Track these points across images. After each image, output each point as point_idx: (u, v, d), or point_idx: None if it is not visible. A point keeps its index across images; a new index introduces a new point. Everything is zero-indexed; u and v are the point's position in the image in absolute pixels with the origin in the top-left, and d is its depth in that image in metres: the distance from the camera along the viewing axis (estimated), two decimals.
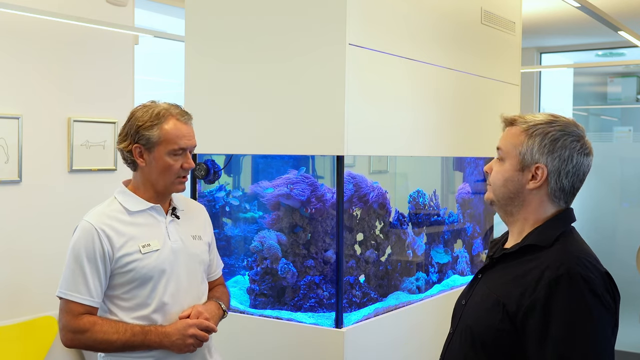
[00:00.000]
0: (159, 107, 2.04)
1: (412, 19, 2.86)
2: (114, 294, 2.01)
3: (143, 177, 2.06)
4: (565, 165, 1.59)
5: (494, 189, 1.68)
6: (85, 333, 1.95)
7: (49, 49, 3.90)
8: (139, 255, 1.98)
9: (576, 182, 1.62)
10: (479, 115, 3.42)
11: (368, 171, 3.11)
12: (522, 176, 1.62)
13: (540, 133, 1.60)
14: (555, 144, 1.59)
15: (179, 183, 2.06)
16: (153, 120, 2.00)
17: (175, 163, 2.02)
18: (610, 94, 7.35)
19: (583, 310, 1.47)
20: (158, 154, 2.01)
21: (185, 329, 1.99)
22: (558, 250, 1.55)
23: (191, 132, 2.07)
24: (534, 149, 1.60)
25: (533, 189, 1.61)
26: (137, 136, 2.01)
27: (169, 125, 2.01)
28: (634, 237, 5.57)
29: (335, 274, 2.60)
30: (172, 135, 2.00)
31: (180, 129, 2.02)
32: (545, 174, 1.59)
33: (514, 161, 1.63)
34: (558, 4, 4.68)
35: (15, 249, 3.75)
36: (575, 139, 1.60)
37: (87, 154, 4.08)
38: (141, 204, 2.05)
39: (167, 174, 2.02)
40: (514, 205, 1.65)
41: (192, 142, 2.07)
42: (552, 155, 1.59)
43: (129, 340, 1.95)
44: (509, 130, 1.67)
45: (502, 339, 1.55)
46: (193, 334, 1.99)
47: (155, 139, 2.00)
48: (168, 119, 2.01)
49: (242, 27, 2.68)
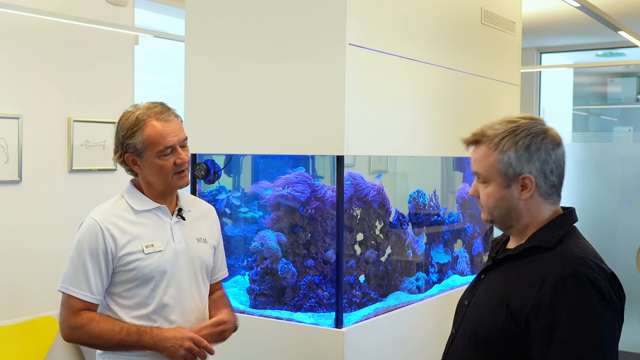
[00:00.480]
0: (138, 111, 2.02)
1: (412, 19, 2.86)
2: (115, 291, 2.01)
3: (144, 181, 2.07)
4: (547, 165, 1.59)
5: (489, 211, 1.67)
6: (82, 329, 1.96)
7: (49, 49, 3.90)
8: (141, 254, 1.99)
9: (561, 173, 1.63)
10: (479, 115, 3.42)
11: (368, 171, 3.11)
12: (511, 191, 1.61)
13: (511, 145, 1.59)
14: (530, 150, 1.58)
15: (177, 179, 2.05)
16: (133, 127, 2.00)
17: (167, 162, 2.01)
18: (610, 94, 7.35)
19: (590, 312, 1.46)
20: (148, 158, 2.01)
21: (183, 339, 1.97)
22: (562, 251, 1.55)
23: (176, 127, 2.03)
24: (511, 162, 1.59)
25: (527, 198, 1.61)
26: (125, 146, 2.02)
27: (149, 129, 1.99)
28: (634, 237, 5.57)
29: (335, 274, 2.60)
30: (154, 138, 1.99)
31: (161, 128, 2.00)
32: (533, 181, 1.59)
33: (498, 180, 1.62)
34: (558, 4, 4.68)
35: (15, 249, 3.75)
36: (543, 136, 1.59)
37: (87, 154, 4.07)
38: (147, 204, 2.05)
39: (162, 174, 2.02)
40: (512, 219, 1.65)
41: (179, 136, 2.03)
42: (531, 161, 1.58)
43: (124, 339, 1.95)
44: (477, 151, 1.66)
45: (506, 339, 1.55)
46: (189, 348, 1.97)
47: (140, 145, 1.99)
48: (147, 122, 2.00)
49: (242, 27, 2.68)
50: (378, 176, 2.96)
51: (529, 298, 1.51)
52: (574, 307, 1.46)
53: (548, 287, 1.49)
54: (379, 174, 2.97)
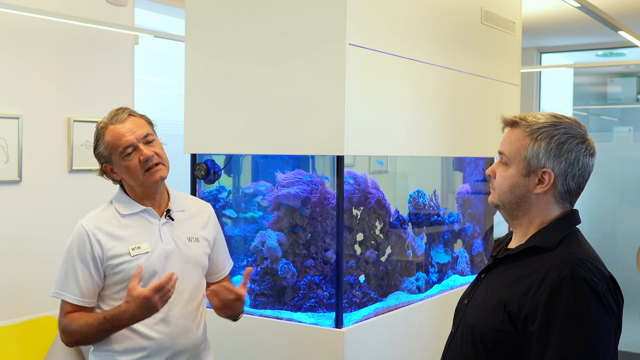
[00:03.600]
0: (99, 123, 2.09)
1: (412, 19, 2.86)
2: (105, 293, 2.06)
3: (126, 185, 2.12)
4: (572, 169, 1.58)
5: (500, 194, 1.65)
6: (67, 329, 2.03)
7: (49, 49, 3.90)
8: (128, 257, 2.02)
9: (582, 183, 1.61)
10: (479, 115, 3.42)
11: (368, 171, 3.11)
12: (528, 181, 1.60)
13: (546, 137, 1.58)
14: (562, 148, 1.57)
15: (149, 175, 2.05)
16: (97, 138, 2.08)
17: (132, 162, 2.04)
18: (610, 94, 7.35)
19: (585, 314, 1.46)
20: (116, 162, 2.06)
21: (139, 297, 1.90)
22: (562, 253, 1.55)
23: (132, 126, 2.05)
24: (539, 153, 1.57)
25: (540, 193, 1.60)
26: (99, 158, 2.09)
27: (107, 134, 2.06)
28: (634, 237, 5.56)
29: (335, 274, 2.60)
30: (112, 143, 2.05)
31: (116, 132, 2.05)
32: (552, 178, 1.58)
33: (520, 166, 1.60)
34: (558, 4, 4.68)
35: (15, 248, 3.75)
36: (580, 141, 1.59)
37: (87, 154, 4.06)
38: (133, 207, 2.09)
39: (132, 174, 2.05)
40: (520, 209, 1.64)
41: (137, 133, 2.04)
42: (558, 159, 1.57)
43: (101, 326, 1.97)
44: (511, 133, 1.64)
45: (503, 340, 1.55)
46: (149, 295, 1.88)
47: (106, 152, 2.06)
48: (105, 130, 2.07)
49: (242, 27, 2.68)
50: (379, 163, 2.95)
51: (527, 300, 1.51)
52: (570, 309, 1.46)
53: (545, 288, 1.49)
54: (379, 161, 2.96)
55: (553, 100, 7.17)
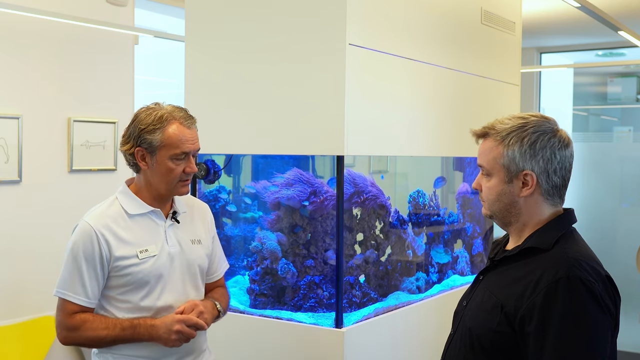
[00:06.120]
0: (162, 110, 2.02)
1: (412, 19, 2.86)
2: (109, 294, 2.02)
3: (145, 180, 2.05)
4: (551, 165, 1.59)
5: (489, 205, 1.68)
6: (77, 330, 1.97)
7: (49, 49, 3.90)
8: (136, 260, 1.99)
9: (566, 174, 1.62)
10: (479, 115, 3.42)
11: (368, 171, 3.11)
12: (512, 187, 1.62)
13: (517, 140, 1.59)
14: (535, 147, 1.58)
15: (181, 187, 2.05)
16: (156, 123, 1.98)
17: (177, 167, 2.01)
18: (610, 94, 7.35)
19: (581, 314, 1.46)
20: (160, 157, 2.00)
21: (172, 324, 1.97)
22: (558, 253, 1.55)
23: (195, 136, 2.05)
24: (515, 157, 1.59)
25: (527, 195, 1.61)
26: (140, 139, 1.99)
27: (171, 129, 1.99)
28: (634, 237, 5.57)
29: (335, 274, 2.60)
30: (174, 140, 1.99)
31: (183, 133, 2.00)
32: (534, 179, 1.59)
33: (500, 174, 1.62)
34: (558, 4, 4.68)
35: (15, 248, 3.75)
36: (551, 135, 1.60)
37: (87, 154, 4.08)
38: (141, 207, 2.05)
39: (169, 178, 2.02)
40: (511, 215, 1.65)
41: (196, 145, 2.05)
42: (535, 159, 1.58)
43: (119, 335, 1.96)
44: (484, 144, 1.66)
45: (501, 341, 1.55)
46: (178, 330, 1.97)
47: (157, 142, 1.98)
48: (171, 123, 1.99)
49: (242, 27, 2.68)
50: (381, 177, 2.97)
51: (523, 301, 1.52)
52: (566, 309, 1.46)
53: (541, 289, 1.49)
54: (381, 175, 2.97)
55: (553, 100, 7.17)
